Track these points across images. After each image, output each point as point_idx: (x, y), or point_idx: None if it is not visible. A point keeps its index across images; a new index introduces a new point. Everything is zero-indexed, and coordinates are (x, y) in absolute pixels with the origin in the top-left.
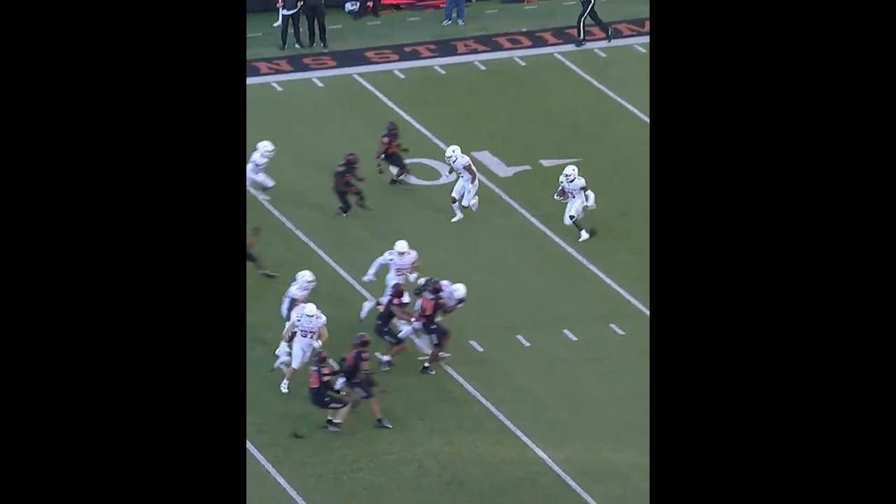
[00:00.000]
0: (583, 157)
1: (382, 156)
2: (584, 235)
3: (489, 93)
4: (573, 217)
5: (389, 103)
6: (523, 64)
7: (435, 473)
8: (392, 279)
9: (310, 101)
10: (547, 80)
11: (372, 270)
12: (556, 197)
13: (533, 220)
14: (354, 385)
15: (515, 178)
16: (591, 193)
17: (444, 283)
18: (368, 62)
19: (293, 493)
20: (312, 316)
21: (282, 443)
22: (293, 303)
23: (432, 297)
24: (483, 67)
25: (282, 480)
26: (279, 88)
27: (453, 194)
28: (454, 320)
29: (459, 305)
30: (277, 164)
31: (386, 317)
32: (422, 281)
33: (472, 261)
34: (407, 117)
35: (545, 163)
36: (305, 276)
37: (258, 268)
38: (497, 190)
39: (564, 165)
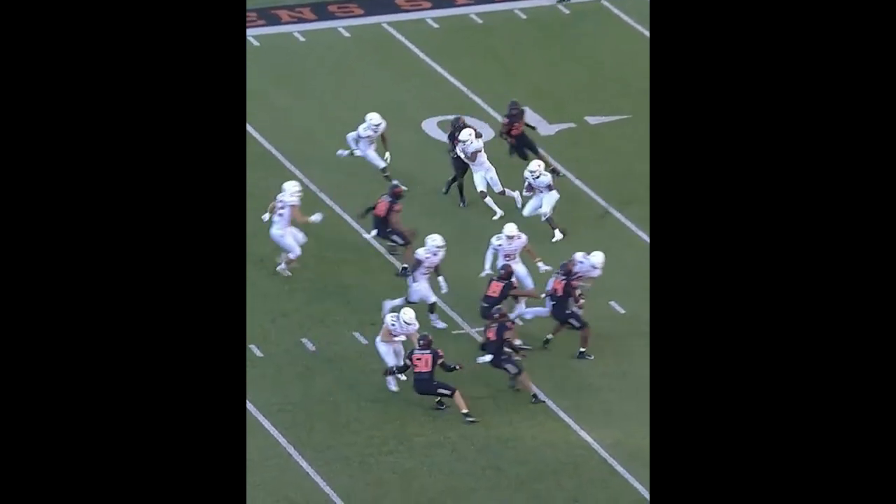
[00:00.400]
0: (632, 114)
1: (506, 138)
2: (558, 235)
3: (530, 43)
4: (546, 216)
5: (421, 55)
6: (567, 12)
7: (469, 457)
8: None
9: (335, 53)
10: (593, 29)
11: (487, 264)
12: (525, 193)
13: (577, 182)
14: (504, 362)
15: (559, 136)
16: (555, 194)
17: (578, 255)
18: (399, 10)
19: (316, 478)
20: (411, 324)
21: (304, 423)
22: (418, 264)
23: (563, 278)
24: (524, 16)
25: (304, 464)
26: (302, 39)
27: (480, 188)
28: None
29: (595, 273)
30: (299, 122)
31: (493, 300)
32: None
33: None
34: (440, 70)
35: (591, 120)
36: (436, 240)
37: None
38: (539, 149)
39: (612, 123)
